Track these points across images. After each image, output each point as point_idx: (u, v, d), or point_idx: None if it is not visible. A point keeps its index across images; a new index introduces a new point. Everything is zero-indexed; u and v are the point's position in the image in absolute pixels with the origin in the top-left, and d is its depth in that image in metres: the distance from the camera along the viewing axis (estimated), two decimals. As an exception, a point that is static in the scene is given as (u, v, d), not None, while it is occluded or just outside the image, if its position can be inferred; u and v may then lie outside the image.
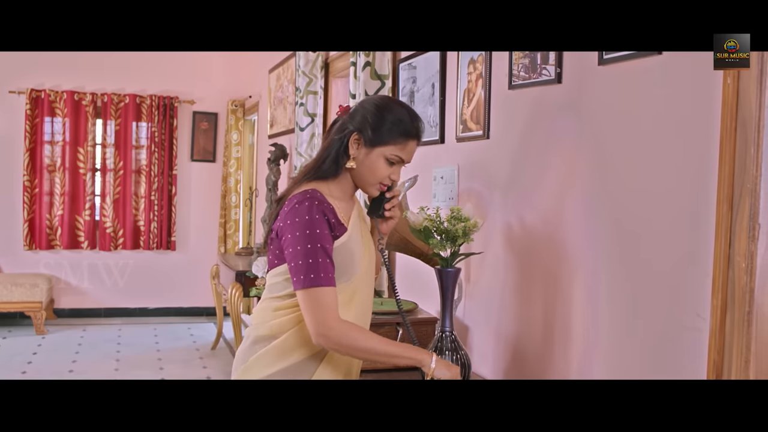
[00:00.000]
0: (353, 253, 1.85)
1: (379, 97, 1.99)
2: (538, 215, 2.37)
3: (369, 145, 1.85)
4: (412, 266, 3.14)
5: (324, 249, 1.76)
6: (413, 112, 1.91)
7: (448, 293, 2.43)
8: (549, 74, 2.28)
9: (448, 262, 2.42)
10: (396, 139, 1.83)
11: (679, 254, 1.76)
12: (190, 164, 8.12)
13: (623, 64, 1.95)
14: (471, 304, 2.81)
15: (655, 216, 1.84)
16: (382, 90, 3.56)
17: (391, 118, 1.84)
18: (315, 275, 1.73)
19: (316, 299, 1.73)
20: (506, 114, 2.56)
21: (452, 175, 2.93)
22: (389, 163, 1.86)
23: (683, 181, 1.75)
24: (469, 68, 2.80)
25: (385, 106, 1.87)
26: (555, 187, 2.27)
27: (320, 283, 1.73)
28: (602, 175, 2.06)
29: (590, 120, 2.11)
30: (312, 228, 1.75)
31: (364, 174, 1.87)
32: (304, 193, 1.81)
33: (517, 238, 2.50)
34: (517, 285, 2.50)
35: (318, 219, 1.76)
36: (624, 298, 1.96)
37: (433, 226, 2.40)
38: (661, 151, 1.82)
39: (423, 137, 1.93)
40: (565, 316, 2.21)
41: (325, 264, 1.75)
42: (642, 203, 1.89)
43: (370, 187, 1.90)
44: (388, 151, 1.84)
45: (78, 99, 7.61)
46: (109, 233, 7.76)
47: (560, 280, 2.24)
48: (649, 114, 1.87)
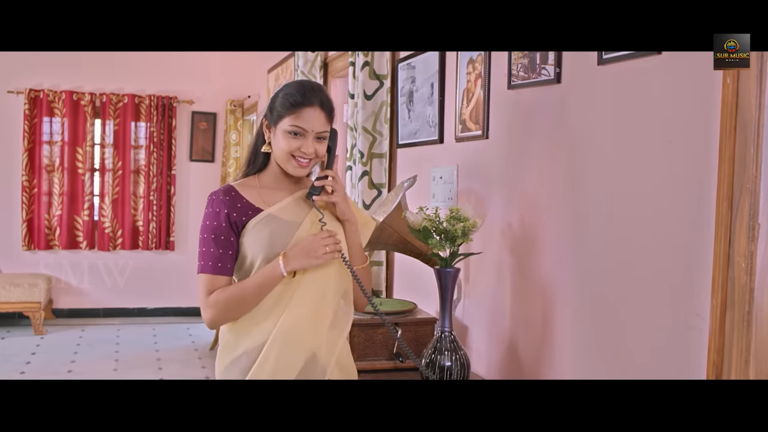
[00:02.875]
0: (271, 231, 1.92)
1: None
2: (536, 215, 2.36)
3: (273, 124, 1.95)
4: (411, 266, 3.15)
5: (210, 239, 1.91)
6: (307, 83, 1.99)
7: (448, 293, 2.43)
8: (548, 74, 2.27)
9: (447, 262, 2.42)
10: (287, 110, 1.91)
11: (679, 254, 1.75)
12: (188, 164, 8.12)
13: (623, 63, 1.95)
14: (470, 304, 2.80)
15: (654, 216, 1.84)
16: (381, 90, 3.55)
17: (282, 94, 1.94)
18: (198, 263, 1.92)
19: (199, 284, 1.91)
20: (505, 114, 2.56)
21: (451, 175, 2.93)
22: (292, 135, 1.91)
23: (683, 180, 1.74)
24: (468, 68, 2.80)
25: (280, 88, 1.98)
26: (554, 187, 2.27)
27: (199, 269, 1.91)
28: (601, 174, 2.05)
29: (590, 120, 2.11)
30: (204, 220, 1.93)
31: (277, 153, 1.96)
32: (215, 190, 1.97)
33: (516, 239, 2.49)
34: (516, 285, 2.50)
35: (210, 212, 1.92)
36: (623, 298, 1.95)
37: (432, 226, 2.40)
38: (661, 151, 1.82)
39: (325, 106, 1.94)
40: (564, 317, 2.21)
41: (208, 253, 1.90)
42: (642, 203, 1.89)
43: (286, 164, 1.95)
44: (286, 124, 1.91)
45: (77, 99, 7.60)
46: (107, 233, 7.76)
47: (559, 281, 2.24)
48: (648, 114, 1.87)
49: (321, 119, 1.93)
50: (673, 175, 1.78)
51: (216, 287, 1.90)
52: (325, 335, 1.93)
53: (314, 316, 1.93)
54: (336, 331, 1.97)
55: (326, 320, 1.95)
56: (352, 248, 2.03)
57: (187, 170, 8.12)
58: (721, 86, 1.61)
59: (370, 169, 3.56)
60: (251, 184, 2.00)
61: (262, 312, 1.90)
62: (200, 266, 1.92)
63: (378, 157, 3.58)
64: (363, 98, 3.56)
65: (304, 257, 1.88)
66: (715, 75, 1.62)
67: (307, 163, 1.94)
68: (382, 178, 3.58)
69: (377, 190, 3.56)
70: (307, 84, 1.98)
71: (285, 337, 1.88)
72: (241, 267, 1.95)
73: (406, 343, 2.67)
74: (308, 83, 1.99)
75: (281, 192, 2.00)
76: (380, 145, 3.58)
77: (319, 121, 1.93)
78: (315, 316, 1.93)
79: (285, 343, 1.88)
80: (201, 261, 1.92)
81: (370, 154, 3.57)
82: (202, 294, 1.91)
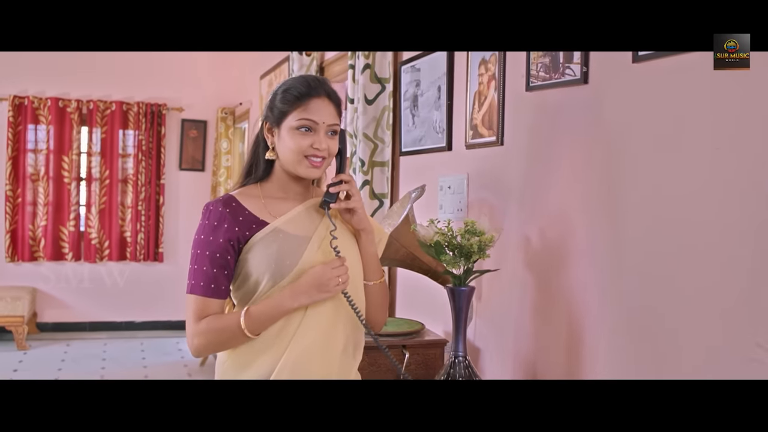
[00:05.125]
0: (279, 247, 1.69)
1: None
2: (561, 226, 2.15)
3: (276, 125, 1.74)
4: (415, 282, 2.91)
5: (204, 256, 1.68)
6: (309, 75, 1.80)
7: (462, 314, 2.22)
8: (573, 74, 2.07)
9: (461, 280, 2.21)
10: (292, 104, 1.70)
11: (738, 274, 1.54)
12: (178, 173, 7.92)
13: (664, 60, 1.74)
14: (482, 324, 2.59)
15: (704, 232, 1.63)
16: (383, 94, 3.34)
17: (282, 90, 1.74)
18: (188, 281, 1.69)
19: (187, 306, 1.69)
20: (523, 118, 2.35)
21: (461, 184, 2.72)
22: (301, 131, 1.70)
23: (740, 192, 1.54)
24: (480, 69, 2.59)
25: (279, 86, 1.78)
26: (584, 195, 2.06)
27: (189, 289, 1.69)
28: (636, 184, 1.85)
29: (622, 124, 1.90)
30: (198, 233, 1.70)
31: (285, 155, 1.73)
32: (212, 201, 1.75)
33: (535, 253, 2.28)
34: (536, 305, 2.28)
35: (206, 225, 1.69)
36: (667, 325, 1.74)
37: (444, 240, 2.19)
38: (712, 159, 1.61)
39: (332, 96, 1.75)
40: (594, 342, 1.99)
41: (201, 272, 1.68)
42: (688, 218, 1.68)
43: (298, 167, 1.72)
44: (292, 120, 1.70)
45: (62, 106, 7.39)
46: (94, 244, 7.53)
47: (588, 299, 2.03)
48: (695, 117, 1.67)
49: (331, 110, 1.73)
50: (729, 185, 1.56)
51: (208, 312, 1.68)
52: (336, 367, 1.72)
53: (324, 346, 1.71)
54: (348, 362, 1.76)
55: (337, 350, 1.73)
56: (369, 260, 1.81)
57: (177, 179, 7.91)
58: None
59: (371, 178, 3.34)
60: (253, 194, 1.76)
61: (264, 340, 1.68)
62: (190, 285, 1.68)
63: (380, 165, 3.36)
64: (364, 103, 3.35)
65: (315, 291, 1.66)
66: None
67: (321, 162, 1.72)
68: (384, 187, 3.36)
69: (379, 200, 3.34)
70: (309, 76, 1.77)
71: (292, 371, 1.66)
72: (243, 286, 1.72)
73: (414, 367, 2.46)
74: (310, 75, 1.79)
75: (289, 202, 1.77)
76: (382, 153, 3.36)
77: (329, 113, 1.72)
78: (325, 346, 1.71)
79: (293, 377, 1.66)
80: (192, 280, 1.68)
81: (371, 162, 3.35)
82: (191, 318, 1.68)
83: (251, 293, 1.71)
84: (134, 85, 7.64)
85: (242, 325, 1.65)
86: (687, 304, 1.67)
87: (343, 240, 1.76)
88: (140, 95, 7.66)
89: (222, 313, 1.71)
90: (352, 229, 1.81)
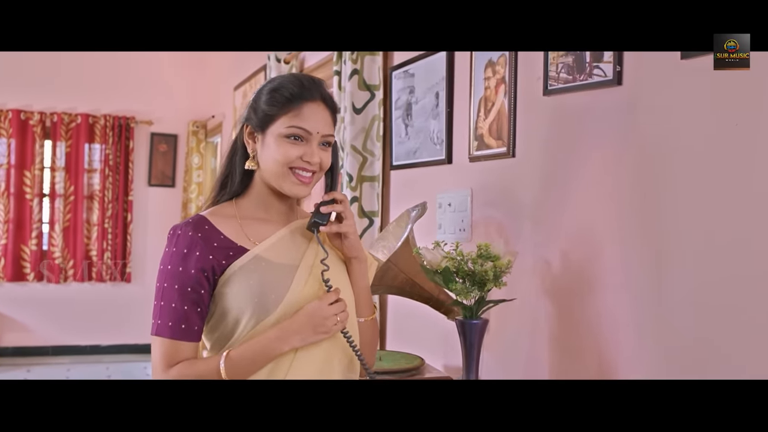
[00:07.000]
0: (261, 278, 1.43)
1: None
2: (588, 248, 1.88)
3: (260, 129, 1.47)
4: (408, 309, 2.60)
5: (172, 291, 1.41)
6: (302, 74, 1.54)
7: (473, 350, 1.95)
8: (604, 74, 1.80)
9: (473, 311, 1.93)
10: (282, 107, 1.44)
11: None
12: (147, 189, 7.58)
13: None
14: (491, 358, 2.30)
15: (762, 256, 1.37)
16: (372, 102, 3.06)
17: (268, 89, 1.48)
18: (153, 320, 1.43)
19: (154, 349, 1.43)
20: (540, 125, 2.08)
21: (464, 201, 2.43)
22: (291, 140, 1.43)
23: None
24: (487, 72, 2.31)
25: (264, 84, 1.53)
26: (609, 214, 1.80)
27: (155, 330, 1.42)
28: (681, 196, 1.58)
29: (665, 128, 1.64)
30: (164, 263, 1.44)
31: (268, 166, 1.46)
32: (180, 223, 1.48)
33: (555, 278, 2.01)
34: (555, 336, 2.01)
35: (173, 253, 1.42)
36: (709, 354, 1.47)
37: (454, 266, 1.91)
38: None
39: (328, 101, 1.49)
40: (627, 377, 1.72)
41: (168, 309, 1.41)
42: (749, 238, 1.41)
43: (283, 181, 1.45)
44: (281, 126, 1.44)
45: (25, 118, 7.03)
46: (58, 264, 7.16)
47: (622, 330, 1.75)
48: (757, 120, 1.41)
49: (326, 118, 1.47)
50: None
51: (179, 357, 1.40)
52: None
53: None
54: None
55: None
56: (361, 293, 1.55)
57: (146, 196, 7.57)
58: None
59: (360, 194, 3.05)
60: (228, 214, 1.50)
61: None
62: (156, 326, 1.42)
63: (369, 180, 3.06)
64: (351, 112, 3.06)
65: (311, 332, 1.40)
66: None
67: (310, 178, 1.46)
68: (375, 204, 3.06)
69: (369, 219, 3.04)
70: (303, 75, 1.50)
71: None
72: (219, 326, 1.45)
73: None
74: (304, 75, 1.52)
75: (270, 224, 1.51)
76: (372, 167, 3.07)
77: (324, 121, 1.46)
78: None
79: None
80: (158, 319, 1.41)
81: (360, 176, 3.06)
82: (159, 365, 1.41)
83: (229, 334, 1.44)
84: (101, 97, 7.30)
85: (222, 374, 1.37)
86: (737, 341, 1.41)
87: (335, 269, 1.49)
88: (107, 107, 7.32)
89: (195, 358, 1.43)
90: (341, 255, 1.54)
